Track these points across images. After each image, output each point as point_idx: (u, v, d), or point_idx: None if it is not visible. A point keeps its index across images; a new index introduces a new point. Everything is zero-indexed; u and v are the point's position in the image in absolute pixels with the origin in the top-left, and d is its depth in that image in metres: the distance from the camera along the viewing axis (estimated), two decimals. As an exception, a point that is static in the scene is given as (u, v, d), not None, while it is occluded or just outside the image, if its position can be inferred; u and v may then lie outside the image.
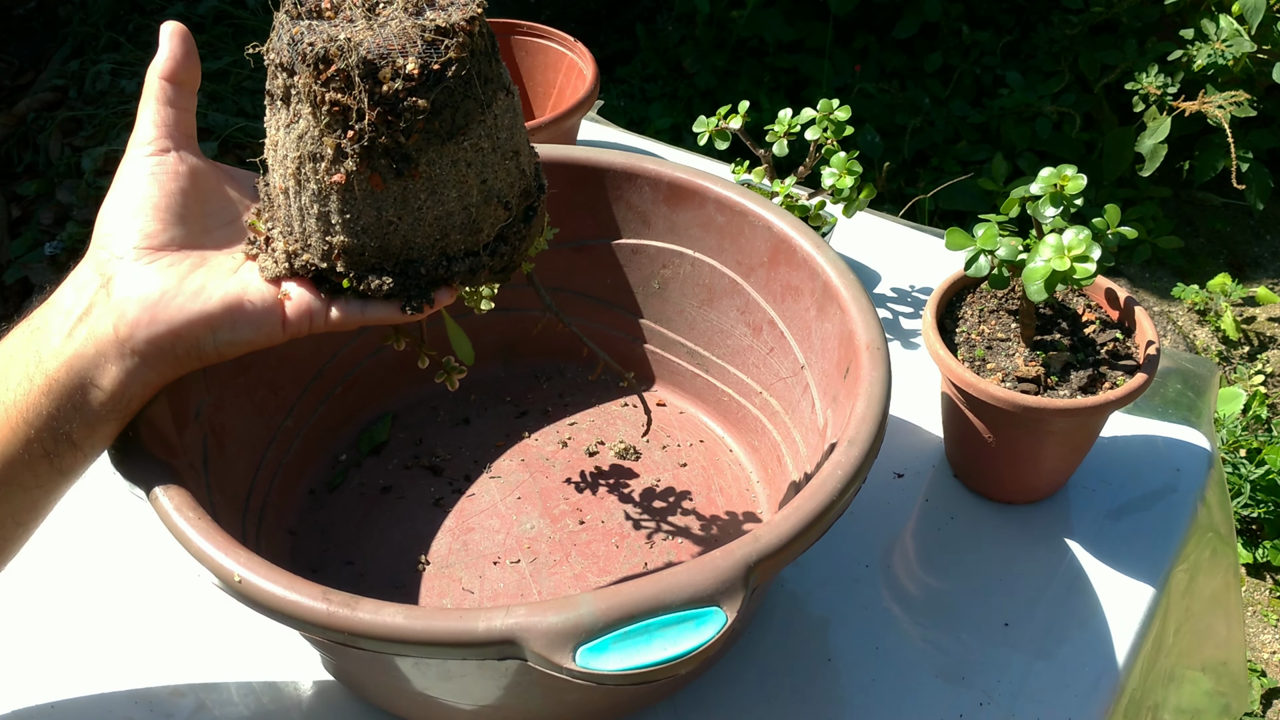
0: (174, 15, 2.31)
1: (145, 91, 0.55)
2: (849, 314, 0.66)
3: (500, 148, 0.52)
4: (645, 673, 0.47)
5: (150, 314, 0.50)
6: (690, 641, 0.48)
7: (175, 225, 0.52)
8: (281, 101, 0.50)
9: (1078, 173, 0.68)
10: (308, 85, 0.48)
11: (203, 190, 0.54)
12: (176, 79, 0.54)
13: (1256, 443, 1.69)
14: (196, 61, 0.55)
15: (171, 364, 0.52)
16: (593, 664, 0.47)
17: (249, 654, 0.67)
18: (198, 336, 0.51)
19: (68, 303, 0.52)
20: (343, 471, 0.77)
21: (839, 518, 0.55)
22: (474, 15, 0.49)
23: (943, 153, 2.14)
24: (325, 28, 0.48)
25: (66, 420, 0.51)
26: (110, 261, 0.51)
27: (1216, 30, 1.95)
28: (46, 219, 2.00)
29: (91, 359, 0.51)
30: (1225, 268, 2.06)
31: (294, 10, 0.49)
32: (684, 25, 2.37)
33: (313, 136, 0.49)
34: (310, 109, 0.48)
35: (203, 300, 0.51)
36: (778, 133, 0.88)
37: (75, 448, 0.52)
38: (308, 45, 0.47)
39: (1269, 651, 1.52)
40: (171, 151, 0.54)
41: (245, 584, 0.49)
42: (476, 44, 0.49)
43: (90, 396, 0.51)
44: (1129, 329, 0.73)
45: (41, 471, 0.52)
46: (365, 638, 0.47)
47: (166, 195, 0.52)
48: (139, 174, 0.53)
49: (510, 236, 0.54)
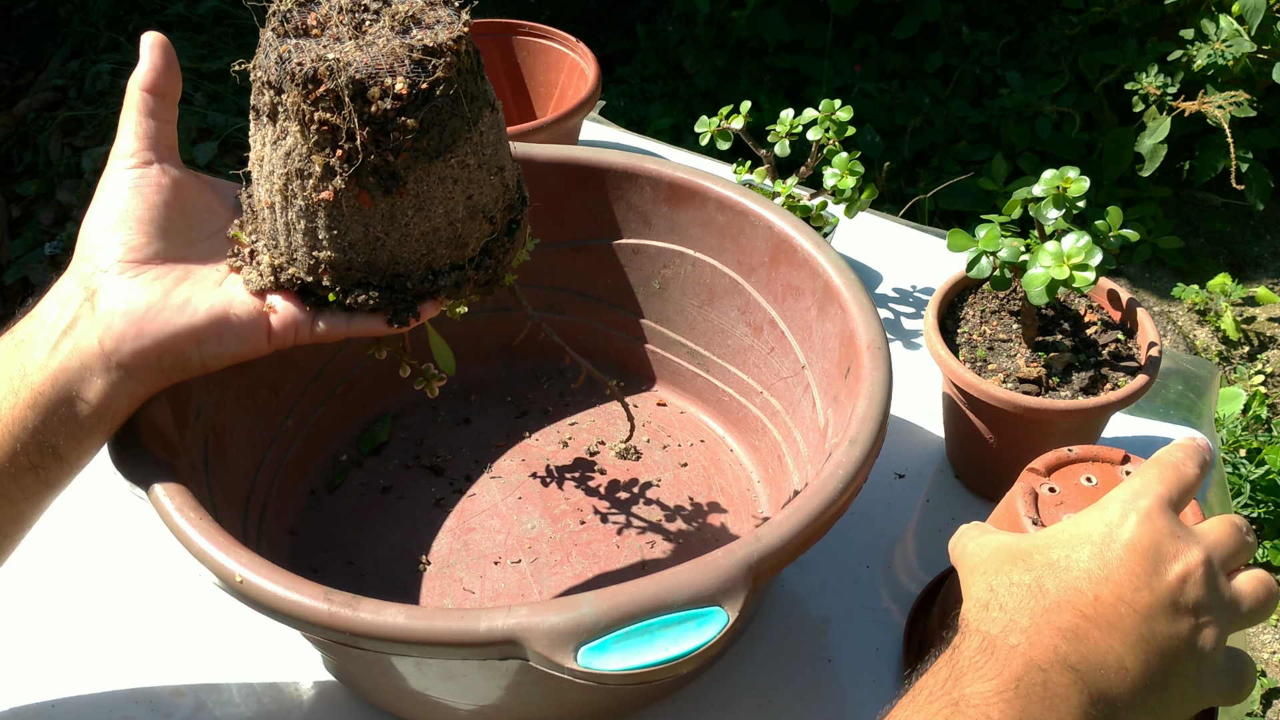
0: (174, 15, 2.31)
1: (126, 103, 0.55)
2: (850, 314, 0.66)
3: (486, 164, 0.52)
4: (647, 672, 0.47)
5: (136, 327, 0.50)
6: (692, 641, 0.48)
7: (159, 238, 0.52)
8: (268, 118, 0.50)
9: (1080, 174, 0.68)
10: (296, 104, 0.48)
11: (185, 202, 0.54)
12: (157, 90, 0.54)
13: (1256, 443, 1.69)
14: (177, 72, 0.55)
15: (156, 376, 0.52)
16: (594, 664, 0.47)
17: (250, 654, 0.67)
18: (183, 349, 0.51)
19: (51, 316, 0.52)
20: (343, 472, 0.77)
21: (840, 517, 0.55)
22: (460, 34, 0.49)
23: (943, 153, 2.14)
24: (313, 46, 0.48)
25: (52, 433, 0.51)
26: (94, 275, 0.51)
27: (1216, 30, 1.95)
28: (46, 219, 2.00)
29: (76, 372, 0.51)
30: (1225, 268, 2.06)
31: (281, 28, 0.49)
32: (684, 25, 2.37)
33: (300, 154, 0.49)
34: (299, 127, 0.48)
35: (188, 313, 0.51)
36: (779, 133, 0.88)
37: (61, 460, 0.52)
38: (296, 65, 0.47)
39: (1269, 652, 1.52)
40: (154, 164, 0.54)
41: (247, 584, 0.49)
42: (463, 62, 0.49)
43: (76, 409, 0.51)
44: (1131, 330, 0.73)
45: (27, 484, 0.52)
46: (367, 638, 0.47)
47: (149, 208, 0.53)
48: (121, 186, 0.53)
49: (494, 250, 0.55)
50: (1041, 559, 0.49)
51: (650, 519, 0.74)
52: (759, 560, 0.51)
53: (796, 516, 0.53)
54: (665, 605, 0.49)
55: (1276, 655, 1.51)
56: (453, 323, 0.59)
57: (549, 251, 0.78)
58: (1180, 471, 0.50)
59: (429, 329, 0.63)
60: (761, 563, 0.51)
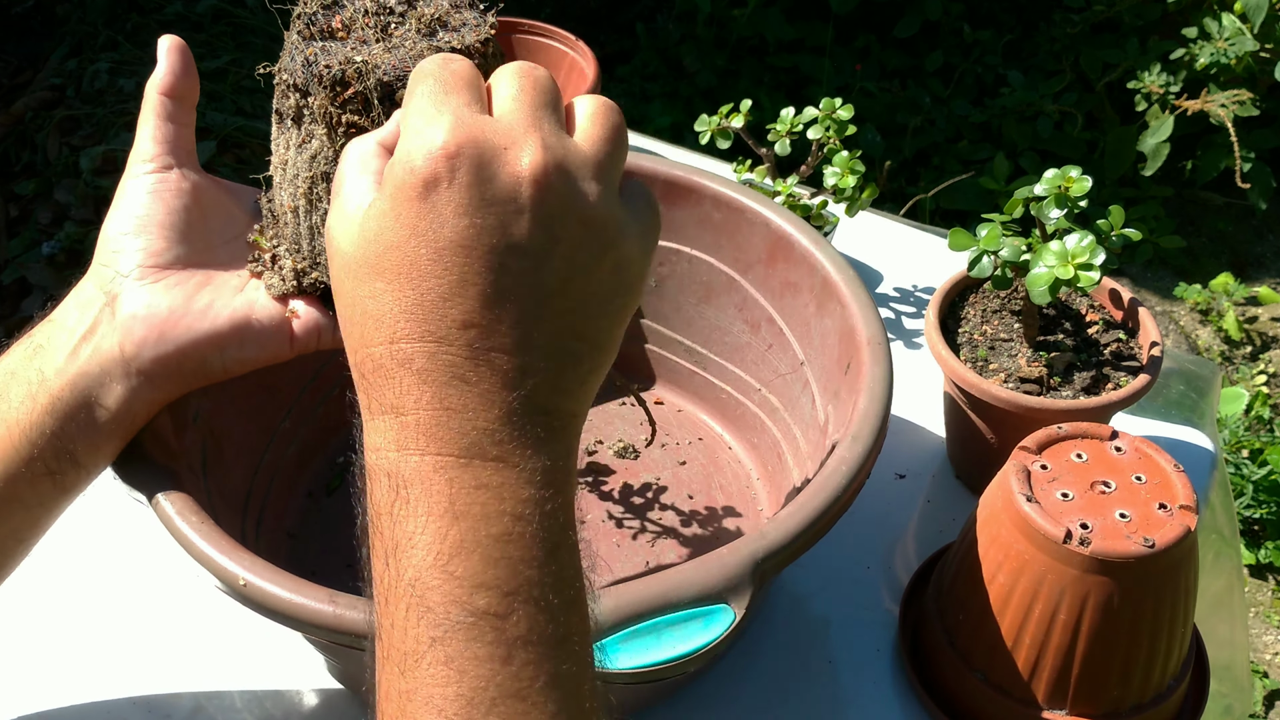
0: (172, 14, 2.31)
1: (144, 107, 0.54)
2: (849, 309, 0.66)
3: None
4: (654, 670, 0.47)
5: (157, 333, 0.50)
6: (699, 639, 0.48)
7: (179, 243, 0.52)
8: (292, 121, 0.50)
9: (1082, 174, 0.68)
10: (324, 107, 0.48)
11: (205, 207, 0.54)
12: (176, 94, 0.54)
13: (1259, 443, 1.69)
14: (195, 76, 0.55)
15: (176, 382, 0.52)
16: (602, 663, 0.47)
17: (252, 659, 0.66)
18: (205, 355, 0.51)
19: (71, 320, 0.51)
20: (340, 474, 0.76)
21: (844, 513, 0.55)
22: (487, 36, 0.49)
23: (944, 152, 2.14)
24: (340, 49, 0.48)
25: (70, 439, 0.51)
26: (115, 279, 0.51)
27: (1219, 29, 1.94)
28: (44, 218, 1.99)
29: (96, 377, 0.50)
30: (1228, 267, 2.06)
31: (306, 31, 0.49)
32: (684, 24, 2.37)
33: (327, 157, 0.49)
34: (325, 130, 0.49)
35: (210, 319, 0.51)
36: (780, 132, 0.87)
37: (78, 465, 0.52)
38: (324, 67, 0.47)
39: (1271, 653, 1.51)
40: (173, 169, 0.53)
41: (250, 587, 0.49)
42: (490, 65, 0.49)
43: (95, 415, 0.51)
44: (1132, 329, 0.73)
45: (44, 489, 0.52)
46: (365, 638, 0.47)
47: (170, 213, 0.52)
48: (141, 191, 0.53)
49: None
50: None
51: (651, 518, 0.73)
52: (765, 557, 0.51)
53: (801, 513, 0.53)
54: (671, 603, 0.49)
55: (1278, 656, 1.51)
56: None
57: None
58: None
59: None
60: (767, 560, 0.51)
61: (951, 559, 0.63)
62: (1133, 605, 0.55)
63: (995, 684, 0.60)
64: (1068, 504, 0.56)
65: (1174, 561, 0.55)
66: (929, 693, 0.64)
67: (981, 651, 0.60)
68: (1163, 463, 0.58)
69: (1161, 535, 0.54)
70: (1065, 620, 0.56)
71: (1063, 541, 0.55)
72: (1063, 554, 0.55)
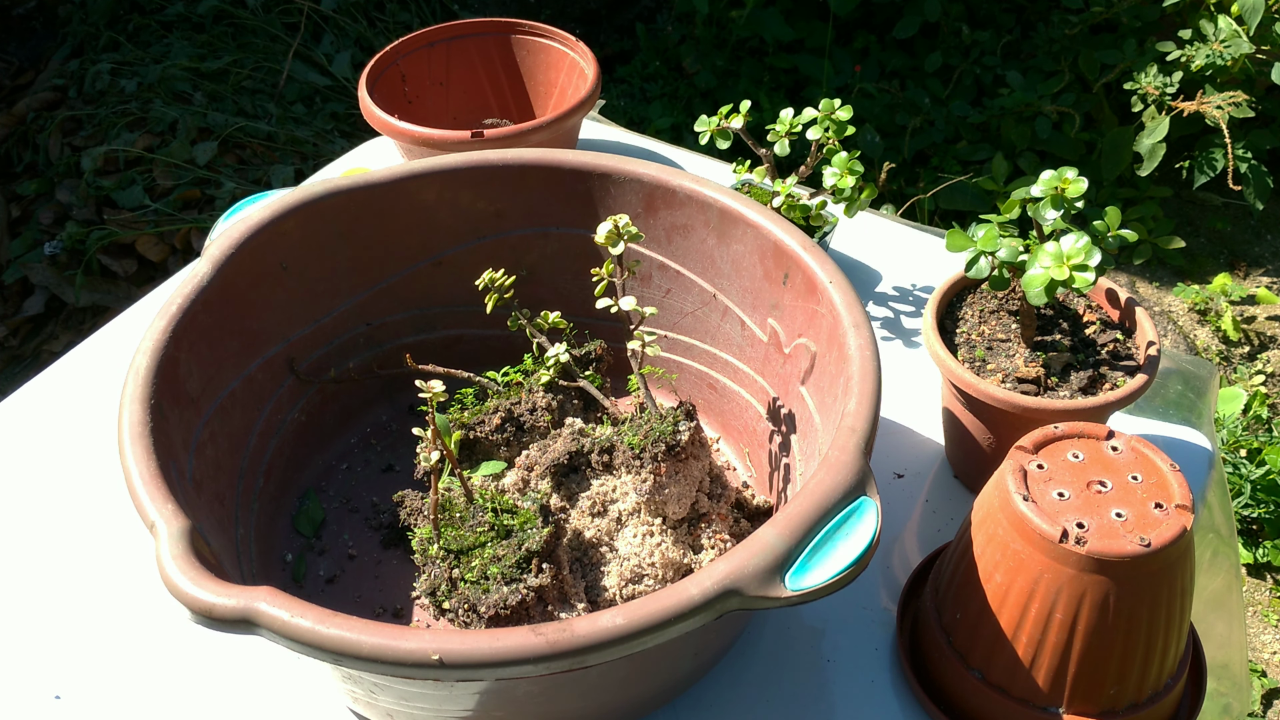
0: (174, 15, 2.31)
1: None
2: (762, 228, 0.69)
3: None
4: (844, 576, 0.51)
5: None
6: (864, 535, 0.53)
7: None
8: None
9: (1079, 175, 0.68)
10: None
11: None
12: None
13: (1257, 443, 1.69)
14: None
15: None
16: (803, 584, 0.51)
17: (264, 699, 0.67)
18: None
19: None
20: (301, 560, 0.73)
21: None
22: None
23: (943, 152, 2.14)
24: None
25: None
26: None
27: (1215, 30, 1.95)
28: (46, 219, 2.00)
29: None
30: (1225, 268, 2.06)
31: None
32: (684, 25, 2.37)
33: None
34: None
35: None
36: (779, 132, 0.88)
37: None
38: None
39: (1269, 652, 1.52)
40: None
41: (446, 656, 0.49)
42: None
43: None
44: (1130, 329, 0.73)
45: None
46: (588, 650, 0.49)
47: None
48: None
49: None
50: None
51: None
52: (865, 441, 0.57)
53: (866, 400, 0.59)
54: (828, 510, 0.53)
55: (1277, 655, 1.51)
56: None
57: (415, 271, 0.78)
58: None
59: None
60: (867, 442, 0.57)
61: (949, 558, 0.64)
62: (1129, 604, 0.56)
63: (992, 682, 0.60)
64: (1064, 503, 0.57)
65: (1170, 561, 0.55)
66: (926, 691, 0.64)
67: (979, 650, 0.61)
68: (1159, 462, 0.59)
69: (1158, 534, 0.55)
70: (1062, 619, 0.56)
71: (1059, 541, 0.55)
72: (1059, 553, 0.55)
